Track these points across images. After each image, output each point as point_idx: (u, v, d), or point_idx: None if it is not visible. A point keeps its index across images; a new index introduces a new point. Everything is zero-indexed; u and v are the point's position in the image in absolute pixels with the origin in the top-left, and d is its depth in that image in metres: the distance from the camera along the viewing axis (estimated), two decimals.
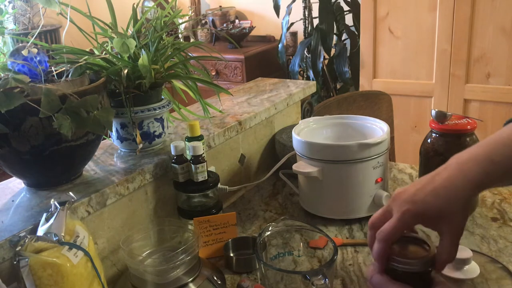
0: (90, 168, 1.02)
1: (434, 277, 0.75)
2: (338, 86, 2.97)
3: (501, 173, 0.64)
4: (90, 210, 0.89)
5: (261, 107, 1.40)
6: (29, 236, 0.72)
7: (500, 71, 2.11)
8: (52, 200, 0.80)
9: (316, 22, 2.84)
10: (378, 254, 0.67)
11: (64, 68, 0.95)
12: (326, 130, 1.26)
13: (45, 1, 0.90)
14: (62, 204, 0.79)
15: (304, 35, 2.92)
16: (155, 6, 1.18)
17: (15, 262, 0.70)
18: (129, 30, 1.06)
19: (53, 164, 0.89)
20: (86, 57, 0.99)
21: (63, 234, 0.74)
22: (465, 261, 0.87)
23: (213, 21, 3.40)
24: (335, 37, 2.90)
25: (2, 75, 0.84)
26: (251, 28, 3.28)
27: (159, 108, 1.08)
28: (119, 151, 1.11)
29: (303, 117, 1.50)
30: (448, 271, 0.87)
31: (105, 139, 1.15)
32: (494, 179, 0.64)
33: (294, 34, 3.21)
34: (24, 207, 0.87)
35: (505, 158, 0.65)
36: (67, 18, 0.93)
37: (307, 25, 2.90)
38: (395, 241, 0.75)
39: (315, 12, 2.82)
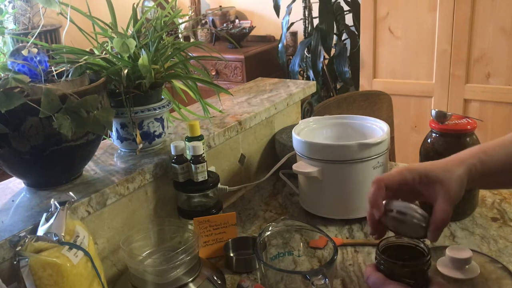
0: (90, 168, 1.02)
1: (431, 277, 0.75)
2: (338, 86, 2.97)
3: (492, 164, 0.73)
4: (90, 210, 0.89)
5: (261, 107, 1.40)
6: (29, 236, 0.72)
7: (500, 71, 2.11)
8: (52, 200, 0.80)
9: (316, 22, 2.84)
10: (372, 196, 0.74)
11: (64, 68, 0.95)
12: (326, 130, 1.26)
13: (45, 1, 0.90)
14: (62, 204, 0.79)
15: (304, 35, 2.92)
16: (155, 6, 1.18)
17: (15, 262, 0.70)
18: (129, 30, 1.06)
19: (53, 164, 0.89)
20: (86, 57, 0.99)
21: (63, 234, 0.74)
22: (465, 261, 0.87)
23: (213, 21, 3.40)
24: (335, 37, 2.90)
25: (2, 75, 0.84)
26: (251, 28, 3.28)
27: (159, 108, 1.08)
28: (119, 151, 1.11)
29: (303, 117, 1.50)
30: (448, 271, 0.87)
31: (105, 139, 1.15)
32: (486, 169, 0.73)
33: (294, 34, 3.21)
34: (24, 207, 0.87)
35: (497, 153, 0.74)
36: (67, 18, 0.93)
37: (307, 25, 2.90)
38: (394, 244, 0.77)
39: (315, 12, 2.82)
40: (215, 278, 0.92)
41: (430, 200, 0.76)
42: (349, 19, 2.93)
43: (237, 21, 3.36)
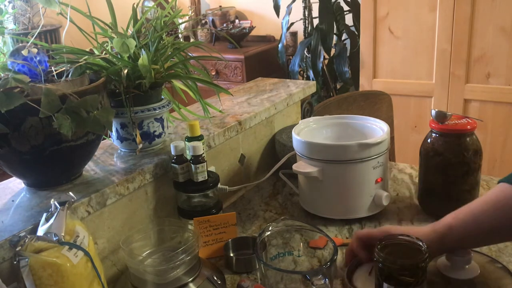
0: (90, 168, 1.02)
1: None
2: (338, 86, 2.97)
3: (457, 236, 0.82)
4: (90, 210, 0.89)
5: (261, 107, 1.40)
6: (29, 236, 0.72)
7: (500, 71, 2.11)
8: (52, 200, 0.80)
9: (316, 22, 2.84)
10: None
11: (64, 68, 0.95)
12: (326, 130, 1.26)
13: (45, 1, 0.90)
14: (62, 204, 0.79)
15: (304, 35, 2.92)
16: (155, 6, 1.18)
17: (15, 262, 0.70)
18: (129, 30, 1.06)
19: (53, 164, 0.89)
20: (86, 57, 0.99)
21: (63, 234, 0.74)
22: (465, 261, 0.87)
23: (213, 21, 3.40)
24: (335, 37, 2.90)
25: (2, 75, 0.84)
26: (251, 28, 3.28)
27: (159, 108, 1.08)
28: (119, 151, 1.11)
29: (303, 117, 1.50)
30: (448, 271, 0.87)
31: (105, 139, 1.15)
32: (460, 234, 0.82)
33: (294, 34, 3.21)
34: (24, 207, 0.87)
35: (465, 223, 0.82)
36: (67, 18, 0.93)
37: (307, 25, 2.90)
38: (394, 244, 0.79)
39: (315, 12, 2.82)
40: (215, 278, 0.92)
41: None
42: (349, 19, 2.93)
43: (237, 21, 3.36)
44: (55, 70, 0.93)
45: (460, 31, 2.14)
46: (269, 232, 0.94)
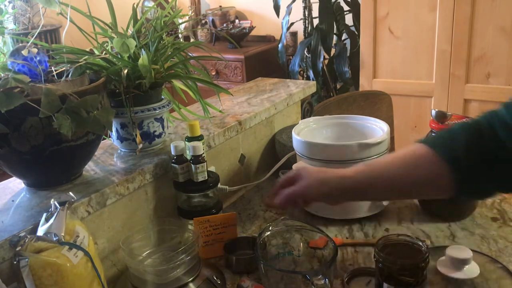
0: (90, 168, 1.02)
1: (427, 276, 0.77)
2: (338, 86, 2.97)
3: (363, 179, 0.84)
4: (90, 210, 0.89)
5: (261, 107, 1.40)
6: (29, 236, 0.72)
7: (500, 71, 2.11)
8: (52, 200, 0.80)
9: (316, 22, 2.84)
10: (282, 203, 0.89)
11: (64, 68, 0.95)
12: (326, 130, 1.26)
13: (45, 1, 0.90)
14: (62, 204, 0.79)
15: (304, 35, 2.92)
16: (155, 6, 1.18)
17: (15, 262, 0.70)
18: (129, 30, 1.06)
19: (53, 164, 0.89)
20: (86, 57, 0.99)
21: (63, 234, 0.74)
22: (465, 261, 0.87)
23: (213, 21, 3.40)
24: (335, 37, 2.89)
25: (2, 75, 0.84)
26: (251, 28, 3.28)
27: (159, 108, 1.07)
28: (119, 151, 1.11)
29: (303, 117, 1.50)
30: (448, 271, 0.87)
31: (105, 139, 1.15)
32: (359, 182, 0.84)
33: (294, 34, 3.21)
34: (24, 207, 0.87)
35: (370, 170, 0.85)
36: (67, 18, 0.93)
37: (307, 25, 2.90)
38: (394, 244, 0.79)
39: (315, 12, 2.82)
40: (215, 278, 0.92)
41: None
42: (349, 19, 2.93)
43: (237, 21, 3.36)
44: (55, 70, 0.93)
45: (460, 31, 2.14)
46: (269, 232, 0.94)
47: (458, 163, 0.75)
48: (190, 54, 1.16)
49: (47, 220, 0.77)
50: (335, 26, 2.81)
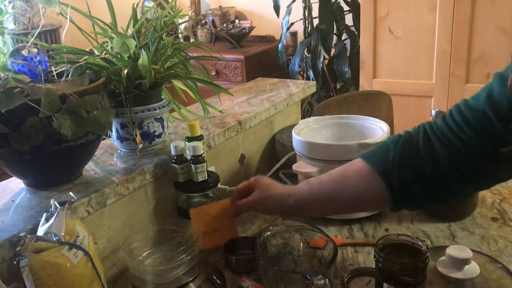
0: (90, 168, 1.02)
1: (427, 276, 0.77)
2: (338, 86, 2.97)
3: (301, 196, 0.89)
4: (90, 210, 0.89)
5: (261, 107, 1.40)
6: (29, 236, 0.72)
7: (500, 71, 2.11)
8: (52, 200, 0.80)
9: (316, 22, 2.84)
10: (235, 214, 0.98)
11: (64, 68, 0.95)
12: (326, 130, 1.26)
13: (45, 1, 0.90)
14: (62, 204, 0.79)
15: (304, 35, 2.92)
16: (155, 6, 1.18)
17: (15, 262, 0.70)
18: (129, 30, 1.06)
19: (53, 164, 0.89)
20: (86, 57, 0.99)
21: (63, 234, 0.74)
22: (465, 261, 0.87)
23: (213, 21, 3.40)
24: (335, 37, 2.90)
25: (2, 75, 0.84)
26: (251, 28, 3.28)
27: (159, 108, 1.08)
28: (119, 151, 1.11)
29: (303, 117, 1.50)
30: (448, 271, 0.87)
31: (105, 139, 1.15)
32: (297, 199, 0.89)
33: (294, 34, 3.21)
34: (24, 207, 0.87)
35: (307, 186, 0.90)
36: (67, 18, 0.93)
37: (307, 25, 2.90)
38: (394, 244, 0.79)
39: (315, 12, 2.82)
40: (215, 278, 0.92)
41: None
42: (349, 19, 2.93)
43: (237, 21, 3.36)
44: (55, 70, 0.93)
45: (460, 31, 2.14)
46: (269, 232, 0.94)
47: (391, 175, 0.77)
48: (190, 54, 1.16)
49: (47, 220, 0.77)
50: (335, 26, 2.81)
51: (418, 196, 0.78)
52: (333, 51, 2.87)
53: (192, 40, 3.37)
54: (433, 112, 1.08)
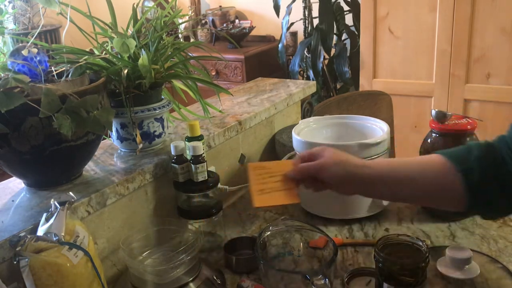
0: (90, 168, 1.02)
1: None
2: (338, 86, 2.97)
3: (373, 171, 0.83)
4: (90, 210, 0.89)
5: (261, 107, 1.40)
6: (29, 236, 0.72)
7: (500, 71, 2.11)
8: (52, 200, 0.80)
9: (316, 22, 2.84)
10: (295, 175, 0.90)
11: (64, 68, 0.95)
12: (326, 130, 1.26)
13: (45, 1, 0.90)
14: (62, 204, 0.79)
15: (304, 35, 2.92)
16: (155, 6, 1.18)
17: (15, 262, 0.70)
18: (129, 30, 1.06)
19: (53, 164, 0.89)
20: (86, 57, 0.99)
21: (63, 234, 0.74)
22: (465, 261, 0.87)
23: (213, 21, 3.40)
24: (335, 37, 2.89)
25: (2, 75, 0.84)
26: (251, 28, 3.28)
27: (159, 108, 1.07)
28: (119, 151, 1.11)
29: (303, 117, 1.50)
30: (448, 271, 0.87)
31: (105, 139, 1.15)
32: (369, 173, 0.83)
33: (294, 34, 3.21)
34: (24, 207, 0.87)
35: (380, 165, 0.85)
36: (67, 18, 0.93)
37: (307, 25, 2.90)
38: (394, 244, 0.79)
39: (315, 12, 2.82)
40: (215, 278, 0.92)
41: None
42: (349, 19, 2.93)
43: (237, 21, 3.36)
44: (55, 70, 0.93)
45: (460, 31, 2.14)
46: (269, 232, 0.94)
47: (472, 174, 0.75)
48: (190, 54, 1.16)
49: (47, 220, 0.77)
50: (335, 26, 2.81)
51: (498, 201, 0.76)
52: (333, 51, 2.87)
53: (192, 40, 3.37)
54: (433, 112, 1.08)
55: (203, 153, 1.03)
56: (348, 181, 0.85)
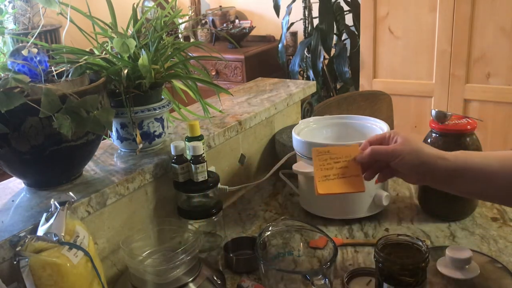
0: (90, 168, 1.02)
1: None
2: (338, 86, 2.97)
3: (461, 162, 0.79)
4: (90, 210, 0.89)
5: (261, 107, 1.40)
6: (29, 236, 0.72)
7: (500, 71, 2.11)
8: (52, 200, 0.80)
9: (316, 22, 2.84)
10: (365, 158, 0.85)
11: (64, 68, 0.95)
12: (326, 130, 1.26)
13: (45, 1, 0.90)
14: (62, 204, 0.79)
15: (304, 35, 2.92)
16: (155, 6, 1.18)
17: (15, 262, 0.70)
18: (129, 30, 1.06)
19: (53, 164, 0.89)
20: (86, 57, 0.99)
21: (63, 234, 0.74)
22: (465, 261, 0.87)
23: (213, 21, 3.40)
24: (335, 37, 2.90)
25: (2, 75, 0.84)
26: (251, 28, 3.28)
27: (159, 108, 1.08)
28: (119, 151, 1.11)
29: (303, 117, 1.50)
30: (448, 271, 0.87)
31: (105, 139, 1.15)
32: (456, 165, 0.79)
33: (294, 34, 3.21)
34: (24, 207, 0.87)
35: (473, 157, 0.80)
36: (67, 18, 0.93)
37: (307, 25, 2.90)
38: (394, 244, 0.79)
39: (315, 12, 2.82)
40: (215, 278, 0.92)
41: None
42: (349, 19, 2.93)
43: (237, 21, 3.36)
44: (55, 70, 0.93)
45: (460, 31, 2.14)
46: (269, 232, 0.94)
47: None
48: (190, 54, 1.16)
49: (47, 220, 0.77)
50: (335, 26, 2.81)
51: None
52: (333, 51, 2.87)
53: (192, 40, 3.37)
54: (433, 112, 1.08)
55: (203, 153, 1.03)
56: (421, 172, 0.80)
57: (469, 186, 0.80)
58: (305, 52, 2.86)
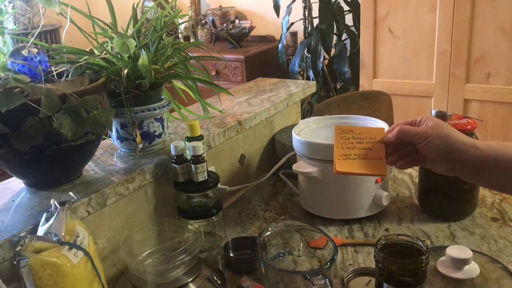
0: (90, 168, 1.02)
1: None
2: (338, 86, 2.97)
3: (486, 153, 0.75)
4: (90, 210, 0.89)
5: (261, 107, 1.40)
6: (29, 236, 0.72)
7: (500, 71, 2.11)
8: (52, 200, 0.80)
9: (316, 22, 2.84)
10: (392, 137, 0.83)
11: (64, 68, 0.95)
12: (326, 130, 1.26)
13: (45, 1, 0.90)
14: (62, 204, 0.79)
15: (304, 35, 2.92)
16: (155, 6, 1.18)
17: (15, 262, 0.70)
18: (129, 30, 1.06)
19: (53, 164, 0.89)
20: (86, 57, 0.99)
21: (63, 234, 0.74)
22: (465, 261, 0.87)
23: (213, 21, 3.40)
24: (335, 37, 2.90)
25: (2, 75, 0.84)
26: (251, 28, 3.28)
27: (159, 108, 1.08)
28: (119, 151, 1.11)
29: (303, 117, 1.50)
30: (448, 271, 0.87)
31: (105, 139, 1.15)
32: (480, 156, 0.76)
33: (294, 34, 3.21)
34: (24, 207, 0.87)
35: (492, 147, 0.76)
36: (67, 18, 0.93)
37: (307, 25, 2.90)
38: (394, 244, 0.79)
39: (315, 12, 2.82)
40: (215, 278, 0.92)
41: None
42: (349, 19, 2.93)
43: (237, 21, 3.36)
44: (55, 70, 0.93)
45: (460, 31, 2.14)
46: (269, 232, 0.94)
47: None
48: (190, 54, 1.16)
49: (47, 220, 0.77)
50: (335, 26, 2.81)
51: None
52: (333, 51, 2.87)
53: (192, 40, 3.37)
54: (433, 112, 1.08)
55: (203, 153, 1.03)
56: (450, 159, 0.76)
57: (501, 179, 0.76)
58: (305, 52, 2.86)
